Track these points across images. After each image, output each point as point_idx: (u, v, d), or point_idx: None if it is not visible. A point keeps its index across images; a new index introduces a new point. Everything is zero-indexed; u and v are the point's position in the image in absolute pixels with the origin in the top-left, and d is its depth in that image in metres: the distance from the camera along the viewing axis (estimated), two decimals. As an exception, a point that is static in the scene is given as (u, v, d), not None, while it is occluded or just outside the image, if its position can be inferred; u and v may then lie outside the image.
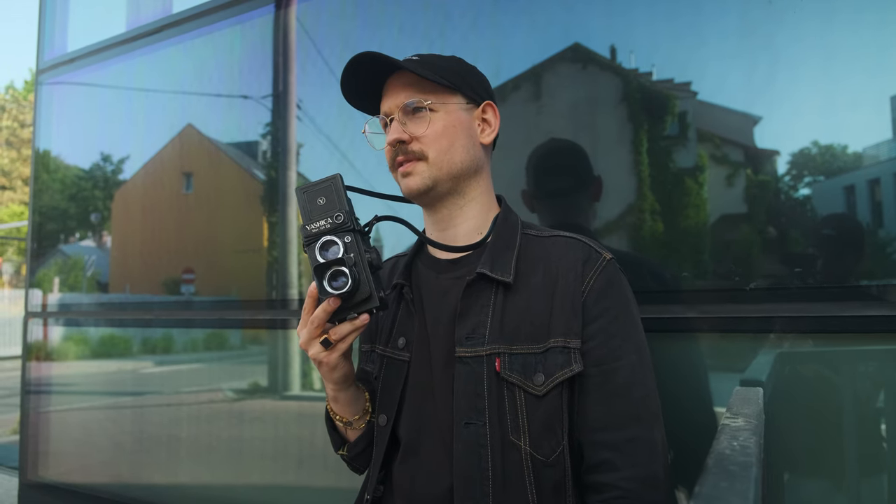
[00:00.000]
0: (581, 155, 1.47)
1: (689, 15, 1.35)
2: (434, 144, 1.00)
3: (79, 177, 2.78)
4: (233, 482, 2.07)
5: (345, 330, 0.89)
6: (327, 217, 0.89)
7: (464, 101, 1.04)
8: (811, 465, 1.20)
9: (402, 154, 1.00)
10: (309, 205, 0.91)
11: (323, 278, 0.87)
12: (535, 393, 0.92)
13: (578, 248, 1.00)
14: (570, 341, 0.93)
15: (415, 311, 1.04)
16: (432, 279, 1.05)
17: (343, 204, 0.90)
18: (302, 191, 0.92)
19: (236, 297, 2.20)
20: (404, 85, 1.02)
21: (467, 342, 0.96)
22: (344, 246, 0.87)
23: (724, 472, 0.42)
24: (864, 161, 1.19)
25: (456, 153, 1.01)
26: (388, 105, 1.03)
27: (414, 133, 1.00)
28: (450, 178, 1.01)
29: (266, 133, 2.13)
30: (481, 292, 0.98)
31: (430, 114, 1.00)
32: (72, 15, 2.82)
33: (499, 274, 0.97)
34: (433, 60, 1.04)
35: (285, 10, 2.06)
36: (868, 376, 1.16)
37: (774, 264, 1.26)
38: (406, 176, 1.01)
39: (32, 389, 2.79)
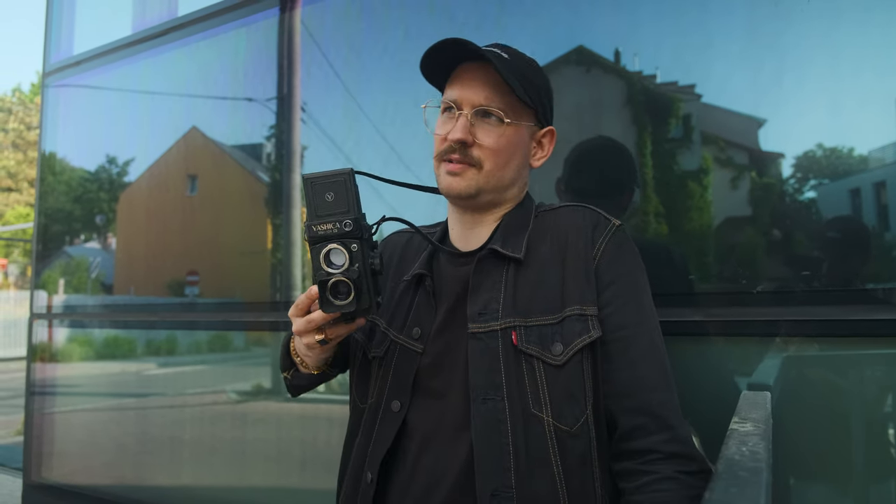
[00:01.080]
0: (627, 159, 1.43)
1: (694, 17, 1.35)
2: (494, 157, 0.97)
3: (84, 179, 2.79)
4: (236, 484, 2.07)
5: (341, 331, 0.91)
6: (335, 220, 0.86)
7: (534, 122, 1.03)
8: (819, 469, 1.19)
9: (459, 153, 0.97)
10: (316, 198, 0.88)
11: (326, 290, 0.86)
12: (555, 363, 0.91)
13: (586, 215, 1.00)
14: (587, 308, 0.93)
15: (435, 302, 1.03)
16: (451, 270, 1.04)
17: (353, 208, 0.87)
18: (310, 180, 0.89)
19: (240, 299, 2.20)
20: (485, 81, 0.97)
21: (480, 318, 0.95)
22: (349, 256, 0.86)
23: (734, 478, 0.42)
24: (870, 164, 1.18)
25: (509, 171, 1.00)
26: (461, 95, 0.98)
27: (481, 140, 0.97)
28: (494, 191, 1.00)
29: (270, 135, 2.13)
30: (493, 269, 0.98)
31: (503, 127, 0.97)
32: (78, 18, 2.83)
33: (510, 250, 0.97)
34: (521, 65, 1.00)
35: (290, 13, 2.07)
36: (875, 380, 1.15)
37: (780, 267, 1.26)
38: (453, 175, 0.98)
39: (37, 391, 2.80)
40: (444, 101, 1.01)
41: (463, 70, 0.99)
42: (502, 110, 0.97)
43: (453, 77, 1.01)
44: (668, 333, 0.99)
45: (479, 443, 0.90)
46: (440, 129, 1.00)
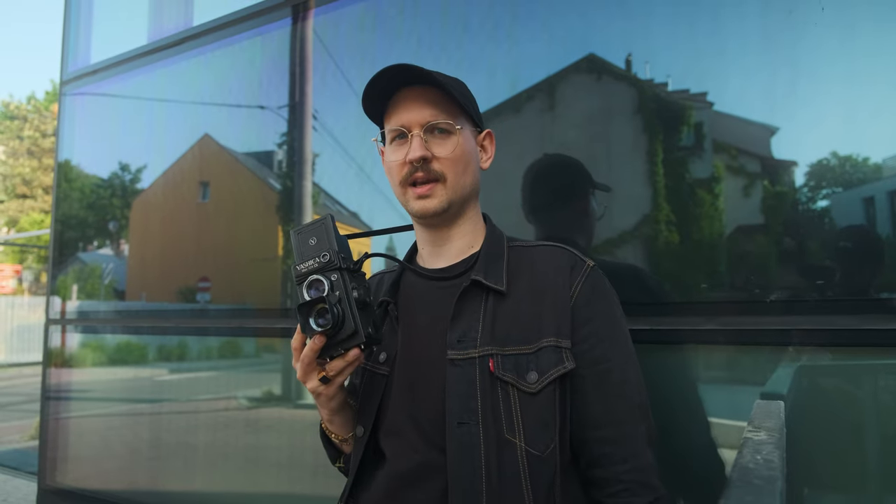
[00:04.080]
0: (575, 168, 1.48)
1: (706, 24, 1.35)
2: (453, 167, 1.02)
3: (98, 185, 2.82)
4: (247, 490, 2.08)
5: (338, 366, 0.91)
6: (315, 257, 0.92)
7: (474, 127, 1.09)
8: (833, 479, 1.18)
9: (422, 171, 1.01)
10: (301, 245, 0.94)
11: (308, 316, 0.89)
12: (529, 391, 0.95)
13: (564, 256, 1.04)
14: (562, 341, 0.97)
15: (398, 327, 1.06)
16: (422, 292, 1.08)
17: (332, 243, 0.93)
18: (296, 232, 0.96)
19: (251, 305, 2.21)
20: (425, 100, 1.02)
21: (459, 345, 0.98)
22: (329, 284, 0.90)
23: (748, 486, 0.42)
24: (884, 172, 1.17)
25: (468, 177, 1.05)
26: (407, 118, 1.02)
27: (439, 153, 1.01)
28: (461, 200, 1.05)
29: (282, 143, 2.15)
30: (473, 298, 1.01)
31: (454, 137, 1.02)
32: (95, 28, 2.87)
33: (492, 282, 1.01)
34: (450, 80, 1.05)
35: (303, 23, 2.09)
36: (889, 389, 1.14)
37: (794, 276, 1.25)
38: (423, 198, 1.02)
39: (52, 395, 2.82)
40: (392, 130, 1.04)
41: (400, 97, 1.04)
42: (450, 122, 1.02)
43: (391, 106, 1.05)
44: (675, 341, 0.99)
45: (454, 466, 0.93)
46: (395, 156, 1.04)
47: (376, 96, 1.05)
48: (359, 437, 1.05)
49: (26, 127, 24.81)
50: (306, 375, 0.94)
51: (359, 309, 0.90)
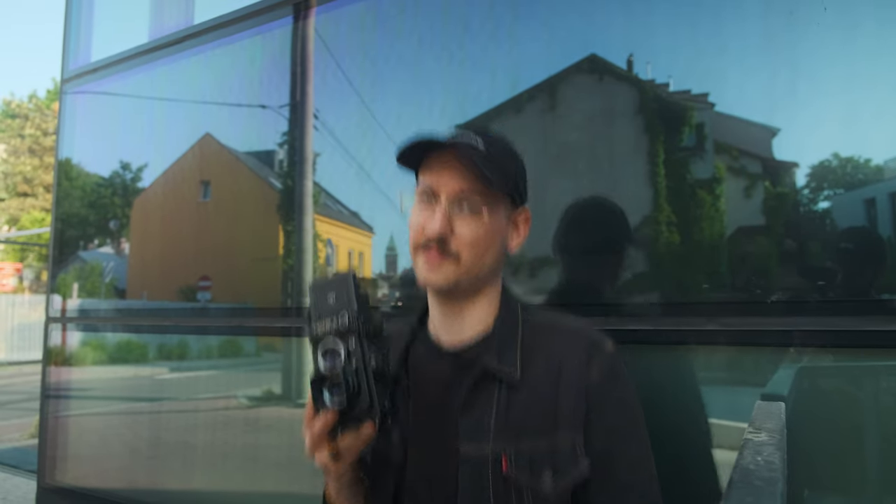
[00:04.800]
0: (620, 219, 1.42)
1: (707, 25, 1.35)
2: (471, 248, 0.95)
3: (98, 184, 2.82)
4: (247, 489, 2.08)
5: (350, 442, 0.85)
6: (333, 317, 0.85)
7: (510, 205, 1.01)
8: (834, 480, 1.18)
9: (436, 246, 0.94)
10: (319, 301, 0.87)
11: (320, 389, 0.83)
12: (544, 492, 0.91)
13: (582, 337, 0.99)
14: (577, 437, 0.93)
15: (409, 404, 1.00)
16: (435, 368, 1.02)
17: (351, 303, 0.85)
18: (314, 287, 0.88)
19: (252, 304, 2.21)
20: (461, 169, 0.94)
21: (471, 437, 0.94)
22: (346, 351, 0.83)
23: (749, 488, 0.42)
24: (886, 174, 1.17)
25: (487, 258, 0.98)
26: (437, 183, 0.95)
27: (461, 233, 0.94)
28: (473, 279, 0.98)
29: (283, 142, 2.15)
30: (486, 387, 0.96)
31: (481, 217, 0.95)
32: (96, 26, 2.87)
33: (506, 371, 0.96)
34: (496, 151, 0.97)
35: (304, 22, 2.09)
36: (891, 391, 1.14)
37: (795, 277, 1.25)
38: (430, 268, 0.95)
39: (52, 394, 2.82)
40: (421, 188, 0.98)
41: (438, 157, 0.96)
42: (479, 198, 0.94)
43: (429, 162, 0.98)
44: (681, 342, 0.99)
45: None
46: (417, 217, 0.98)
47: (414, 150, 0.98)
48: None
49: (27, 125, 24.82)
50: (315, 449, 0.87)
51: (376, 380, 0.83)
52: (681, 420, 1.31)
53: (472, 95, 1.67)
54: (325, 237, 2.04)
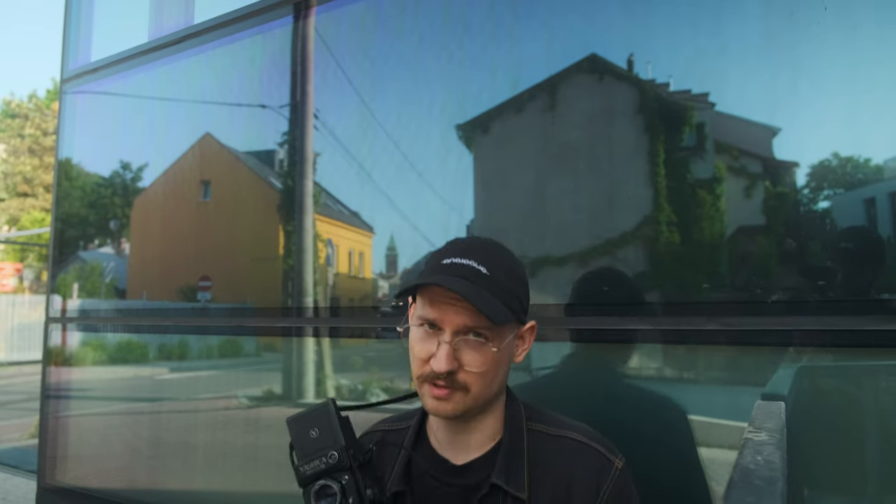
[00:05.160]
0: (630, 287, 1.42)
1: (707, 25, 1.35)
2: (480, 380, 0.92)
3: (98, 184, 2.82)
4: (247, 489, 2.07)
5: None
6: (321, 456, 0.83)
7: (516, 326, 0.98)
8: (834, 480, 1.18)
9: (444, 381, 0.91)
10: (301, 438, 0.85)
11: None
12: None
13: (591, 457, 0.97)
14: None
15: None
16: (438, 486, 1.00)
17: (337, 438, 0.84)
18: (293, 422, 0.86)
19: (252, 304, 2.21)
20: (466, 305, 0.89)
21: None
22: (341, 490, 0.81)
23: (749, 487, 0.42)
24: (885, 173, 1.17)
25: (495, 384, 0.96)
26: (441, 317, 0.91)
27: (469, 366, 0.91)
28: (482, 405, 0.96)
29: (283, 142, 2.15)
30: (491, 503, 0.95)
31: (489, 347, 0.92)
32: (96, 26, 2.87)
33: (513, 488, 0.94)
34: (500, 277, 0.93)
35: (304, 21, 2.09)
36: (890, 391, 1.14)
37: (795, 277, 1.25)
38: (439, 400, 0.92)
39: (52, 394, 2.82)
40: (423, 317, 0.93)
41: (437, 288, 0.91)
42: (486, 331, 0.91)
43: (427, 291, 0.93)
44: (681, 342, 0.99)
45: None
46: (419, 347, 0.94)
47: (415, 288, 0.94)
48: None
49: (27, 125, 24.81)
50: None
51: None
52: (681, 419, 1.31)
53: (472, 95, 1.67)
54: (326, 237, 2.04)
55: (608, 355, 1.44)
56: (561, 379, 1.48)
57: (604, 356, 1.46)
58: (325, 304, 2.01)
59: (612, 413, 1.37)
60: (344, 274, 2.04)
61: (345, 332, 2.01)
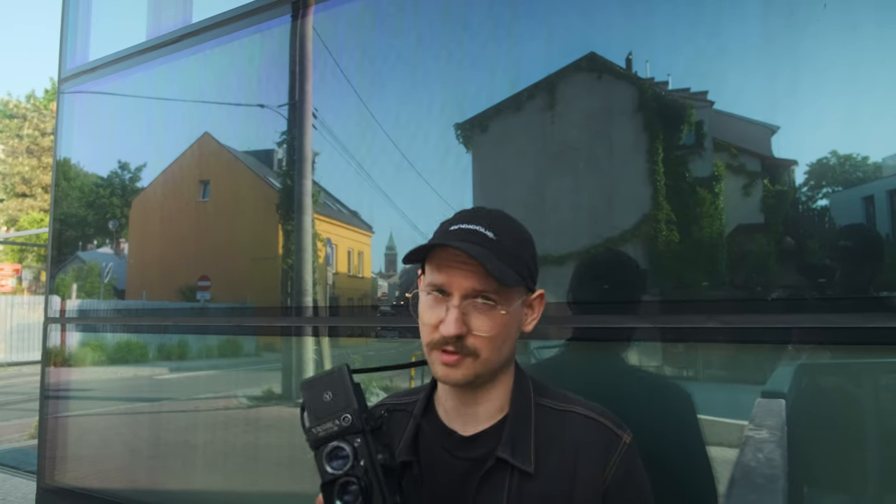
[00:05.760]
0: (635, 273, 1.42)
1: (706, 24, 1.35)
2: (489, 345, 0.92)
3: (97, 184, 2.82)
4: (247, 489, 2.07)
5: None
6: (334, 418, 0.83)
7: (524, 292, 0.97)
8: (833, 477, 1.18)
9: (454, 346, 0.91)
10: (314, 401, 0.85)
11: (332, 493, 0.81)
12: None
13: (599, 432, 0.97)
14: None
15: (422, 491, 0.98)
16: (446, 457, 1.00)
17: (351, 401, 0.83)
18: (307, 385, 0.86)
19: (251, 304, 2.21)
20: (475, 268, 0.89)
21: None
22: (353, 453, 0.81)
23: (751, 485, 0.42)
24: (884, 171, 1.17)
25: (504, 350, 0.95)
26: (450, 281, 0.91)
27: (479, 330, 0.91)
28: (491, 372, 0.96)
29: (282, 141, 2.15)
30: (498, 477, 0.95)
31: (497, 311, 0.91)
32: (94, 25, 2.87)
33: (519, 462, 0.94)
34: (509, 242, 0.94)
35: (303, 20, 2.08)
36: (890, 388, 1.14)
37: (794, 275, 1.25)
38: (448, 366, 0.92)
39: (51, 394, 2.82)
40: (432, 283, 0.93)
41: (447, 252, 0.92)
42: (494, 294, 0.91)
43: (436, 257, 0.93)
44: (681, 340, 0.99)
45: None
46: (429, 314, 0.94)
47: (423, 250, 0.93)
48: None
49: (25, 125, 24.76)
50: None
51: (385, 475, 0.82)
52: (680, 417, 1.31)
53: (471, 94, 1.67)
54: (325, 236, 2.04)
55: (607, 352, 1.44)
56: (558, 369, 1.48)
57: (603, 353, 1.46)
58: (325, 304, 2.01)
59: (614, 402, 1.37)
60: (343, 273, 2.04)
61: (344, 332, 2.01)
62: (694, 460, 1.26)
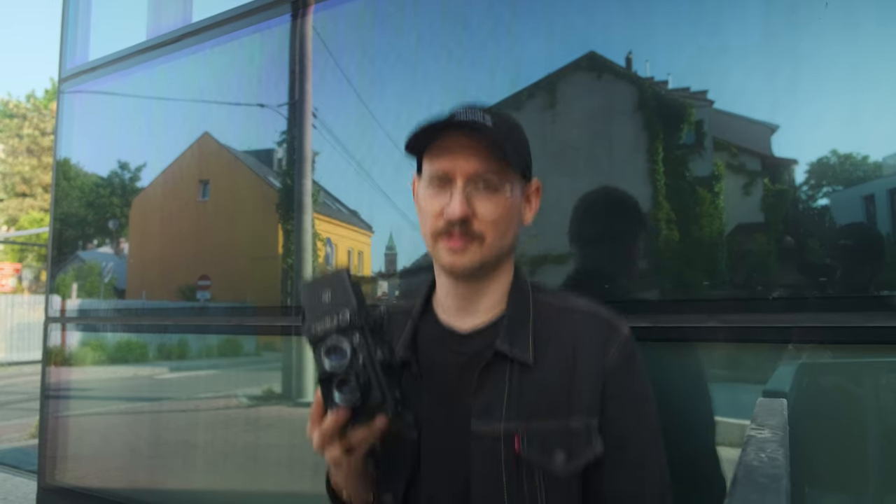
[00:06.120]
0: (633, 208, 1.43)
1: (706, 22, 1.35)
2: (494, 228, 0.93)
3: (97, 184, 2.82)
4: (247, 488, 2.07)
5: (363, 436, 0.83)
6: (333, 315, 0.83)
7: (522, 180, 0.99)
8: (835, 477, 1.18)
9: (460, 230, 0.92)
10: (313, 301, 0.84)
11: (330, 388, 0.81)
12: (556, 473, 0.91)
13: (598, 322, 0.98)
14: (592, 420, 0.93)
15: (421, 388, 0.99)
16: (444, 353, 1.00)
17: (350, 299, 0.83)
18: (307, 286, 0.86)
19: (252, 303, 2.21)
20: (476, 150, 0.91)
21: (483, 419, 0.94)
22: (352, 348, 0.81)
23: (753, 485, 0.42)
24: (884, 170, 1.17)
25: (508, 236, 0.97)
26: (451, 166, 0.92)
27: (483, 214, 0.92)
28: (495, 259, 0.97)
29: (282, 141, 2.15)
30: (498, 369, 0.95)
31: (500, 195, 0.93)
32: (94, 25, 2.87)
33: (518, 354, 0.95)
34: (505, 128, 0.95)
35: (303, 20, 2.08)
36: (891, 388, 1.14)
37: (795, 274, 1.25)
38: (455, 252, 0.93)
39: (52, 394, 2.82)
40: (433, 174, 0.94)
41: (447, 139, 0.93)
42: (496, 176, 0.92)
43: (435, 147, 0.94)
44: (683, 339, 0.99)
45: None
46: (431, 204, 0.95)
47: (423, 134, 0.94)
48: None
49: (25, 125, 24.78)
50: (325, 447, 0.85)
51: (384, 372, 0.82)
52: (681, 417, 1.31)
53: (470, 93, 1.67)
54: (325, 236, 2.04)
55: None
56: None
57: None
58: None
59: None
60: (343, 273, 2.04)
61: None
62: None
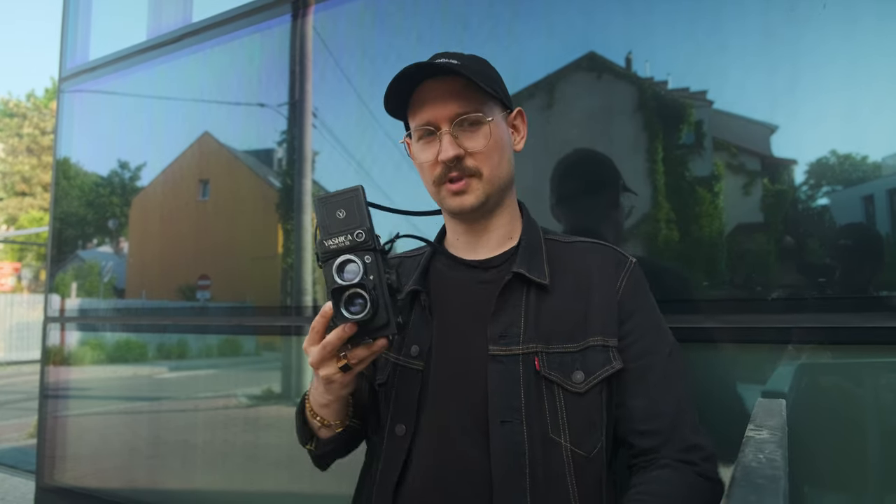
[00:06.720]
0: (607, 167, 1.46)
1: (706, 22, 1.35)
2: (488, 160, 0.97)
3: (97, 183, 2.82)
4: (246, 488, 2.07)
5: (362, 354, 0.85)
6: (347, 233, 0.84)
7: (504, 109, 1.04)
8: (834, 478, 1.18)
9: (456, 170, 0.96)
10: (328, 217, 0.85)
11: (340, 302, 0.81)
12: (575, 391, 0.93)
13: (607, 252, 1.04)
14: (609, 339, 0.96)
15: (432, 317, 1.02)
16: (458, 282, 1.04)
17: (364, 220, 0.84)
18: (321, 201, 0.86)
19: (251, 303, 2.21)
20: (450, 93, 0.96)
21: (501, 341, 0.96)
22: (364, 267, 0.82)
23: (752, 486, 0.42)
24: (884, 170, 1.17)
25: (504, 166, 1.00)
26: (432, 114, 0.97)
27: (472, 148, 0.96)
28: (498, 192, 1.01)
29: (282, 141, 2.15)
30: (515, 292, 0.99)
31: (485, 127, 0.97)
32: (94, 24, 2.86)
33: (536, 276, 0.98)
34: (473, 65, 1.00)
35: (303, 20, 2.08)
36: (891, 388, 1.14)
37: (794, 274, 1.25)
38: (460, 194, 0.98)
39: (50, 394, 2.82)
40: (418, 128, 0.99)
41: (422, 92, 0.98)
42: (477, 112, 0.97)
43: (414, 103, 1.00)
44: (683, 340, 1.00)
45: (497, 464, 0.91)
46: (425, 156, 0.99)
47: (397, 95, 0.99)
48: (400, 437, 0.99)
49: (25, 124, 24.76)
50: (324, 362, 0.86)
51: (390, 295, 0.83)
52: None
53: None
54: (325, 236, 2.03)
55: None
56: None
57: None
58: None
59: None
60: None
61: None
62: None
